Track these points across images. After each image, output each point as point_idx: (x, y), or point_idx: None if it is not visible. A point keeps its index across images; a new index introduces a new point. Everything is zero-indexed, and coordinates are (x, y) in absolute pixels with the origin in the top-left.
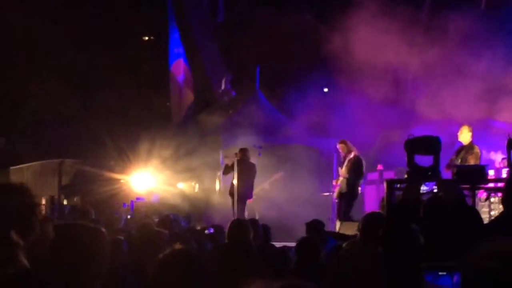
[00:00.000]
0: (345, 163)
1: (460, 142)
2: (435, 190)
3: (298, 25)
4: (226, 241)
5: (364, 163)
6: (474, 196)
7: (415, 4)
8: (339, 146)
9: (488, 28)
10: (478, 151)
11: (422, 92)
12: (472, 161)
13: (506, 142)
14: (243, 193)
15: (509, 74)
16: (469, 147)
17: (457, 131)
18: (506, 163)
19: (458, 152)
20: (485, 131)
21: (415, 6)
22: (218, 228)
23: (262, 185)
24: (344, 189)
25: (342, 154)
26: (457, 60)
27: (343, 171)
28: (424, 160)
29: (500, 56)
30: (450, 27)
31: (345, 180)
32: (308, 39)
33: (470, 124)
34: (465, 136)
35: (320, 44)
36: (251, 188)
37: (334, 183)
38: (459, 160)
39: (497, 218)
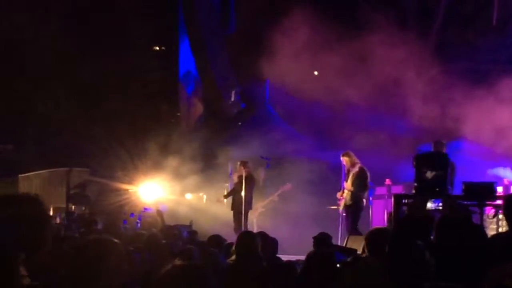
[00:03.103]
0: (350, 176)
1: None
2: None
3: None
4: (234, 254)
5: (368, 175)
6: (482, 213)
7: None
8: (343, 159)
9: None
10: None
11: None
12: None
13: None
14: (249, 206)
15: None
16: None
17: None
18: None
19: None
20: None
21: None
22: (216, 238)
23: (271, 197)
24: (349, 202)
25: (346, 167)
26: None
27: (348, 184)
28: None
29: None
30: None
31: (349, 192)
32: (318, 52)
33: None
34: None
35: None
36: (251, 199)
37: (338, 196)
38: None
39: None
